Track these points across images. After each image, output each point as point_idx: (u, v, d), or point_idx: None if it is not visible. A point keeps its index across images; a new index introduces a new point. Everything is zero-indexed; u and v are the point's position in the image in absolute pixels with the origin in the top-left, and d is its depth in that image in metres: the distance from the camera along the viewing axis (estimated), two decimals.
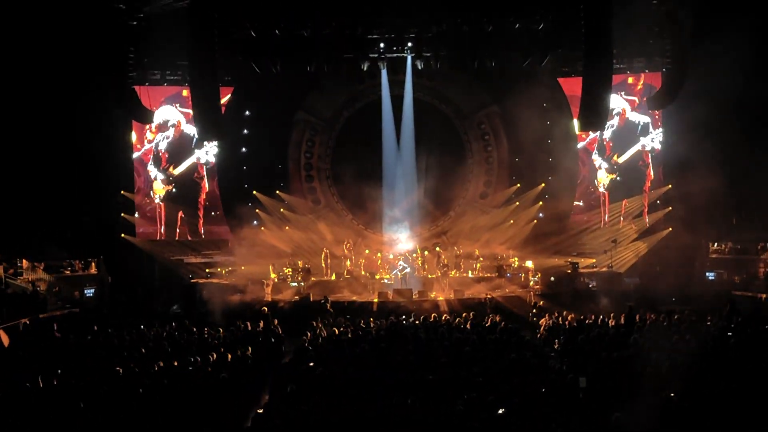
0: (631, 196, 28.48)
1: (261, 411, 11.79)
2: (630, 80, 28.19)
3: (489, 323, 18.90)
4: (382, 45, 26.40)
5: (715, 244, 27.09)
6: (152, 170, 28.71)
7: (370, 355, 15.04)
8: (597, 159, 28.88)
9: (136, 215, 28.72)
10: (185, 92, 27.57)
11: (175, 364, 14.67)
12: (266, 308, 22.96)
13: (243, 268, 26.95)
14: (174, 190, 28.88)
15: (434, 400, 11.44)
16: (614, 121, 28.18)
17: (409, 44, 26.59)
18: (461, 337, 16.68)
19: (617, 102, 27.99)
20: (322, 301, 22.59)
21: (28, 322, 21.05)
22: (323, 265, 27.45)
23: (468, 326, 18.58)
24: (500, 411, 10.93)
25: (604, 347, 15.00)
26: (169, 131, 28.71)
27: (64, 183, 26.43)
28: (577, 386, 12.25)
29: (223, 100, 26.42)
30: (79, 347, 16.95)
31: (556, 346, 17.62)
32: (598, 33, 21.05)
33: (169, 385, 13.03)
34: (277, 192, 29.70)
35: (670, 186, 27.73)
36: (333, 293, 25.01)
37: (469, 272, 26.93)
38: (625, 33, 23.32)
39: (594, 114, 21.78)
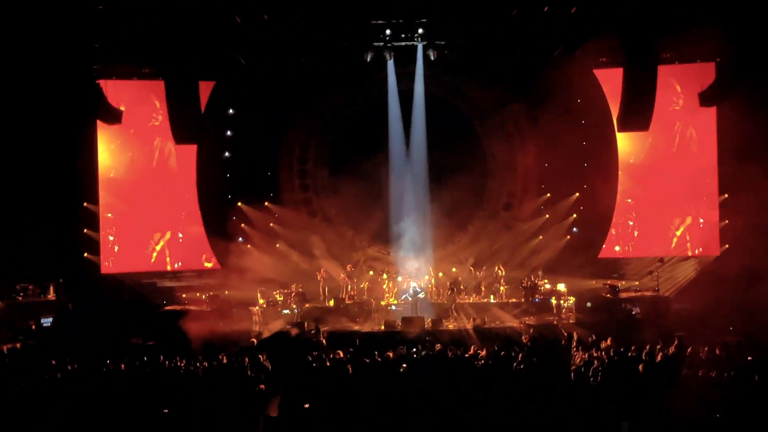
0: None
1: None
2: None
3: (516, 356, 18.83)
4: (388, 32, 26.36)
5: None
6: None
7: (373, 395, 15.00)
8: None
9: (101, 235, 28.59)
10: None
11: (147, 406, 14.66)
12: (254, 340, 23.01)
13: (226, 292, 26.95)
14: None
15: None
16: None
17: (420, 31, 26.56)
18: (484, 372, 16.64)
19: None
20: (312, 332, 22.53)
21: None
22: (320, 288, 27.43)
23: (491, 360, 18.52)
24: None
25: (650, 385, 14.94)
26: None
27: (14, 194, 26.41)
28: (618, 431, 12.20)
29: (203, 97, 26.42)
30: (34, 386, 16.92)
31: (593, 383, 17.54)
32: (641, 16, 21.11)
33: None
34: (266, 204, 29.75)
35: (726, 195, 27.61)
36: (331, 322, 24.95)
37: (491, 297, 26.91)
38: (672, 16, 23.33)
39: (637, 111, 21.84)
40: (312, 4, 24.91)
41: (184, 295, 27.48)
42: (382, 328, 24.65)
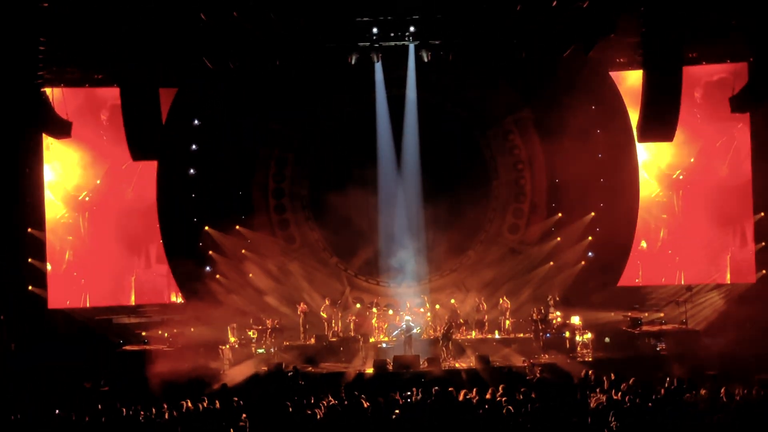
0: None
1: None
2: None
3: (523, 400, 18.76)
4: (375, 30, 26.32)
5: None
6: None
7: None
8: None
9: (48, 265, 28.47)
10: None
11: None
12: (225, 383, 22.88)
13: (192, 329, 26.84)
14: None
15: None
16: None
17: (412, 29, 26.52)
18: (487, 417, 16.56)
19: None
20: (290, 374, 22.43)
21: None
22: (300, 324, 27.32)
23: (495, 404, 18.44)
24: None
25: None
26: None
27: None
28: None
29: (164, 106, 26.36)
30: None
31: (613, 430, 17.48)
32: (663, 12, 21.14)
33: None
34: (237, 227, 29.69)
35: (762, 215, 27.61)
36: (313, 362, 24.97)
37: (496, 332, 26.91)
38: (698, 9, 23.35)
39: (660, 119, 21.78)
40: None
41: (143, 333, 27.32)
42: (371, 370, 24.54)
